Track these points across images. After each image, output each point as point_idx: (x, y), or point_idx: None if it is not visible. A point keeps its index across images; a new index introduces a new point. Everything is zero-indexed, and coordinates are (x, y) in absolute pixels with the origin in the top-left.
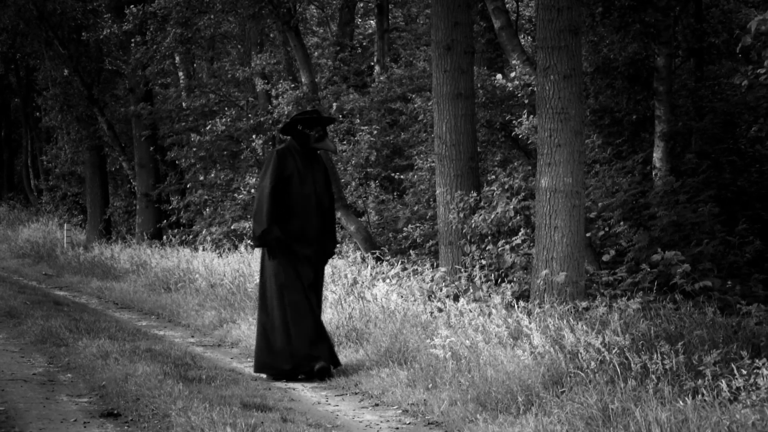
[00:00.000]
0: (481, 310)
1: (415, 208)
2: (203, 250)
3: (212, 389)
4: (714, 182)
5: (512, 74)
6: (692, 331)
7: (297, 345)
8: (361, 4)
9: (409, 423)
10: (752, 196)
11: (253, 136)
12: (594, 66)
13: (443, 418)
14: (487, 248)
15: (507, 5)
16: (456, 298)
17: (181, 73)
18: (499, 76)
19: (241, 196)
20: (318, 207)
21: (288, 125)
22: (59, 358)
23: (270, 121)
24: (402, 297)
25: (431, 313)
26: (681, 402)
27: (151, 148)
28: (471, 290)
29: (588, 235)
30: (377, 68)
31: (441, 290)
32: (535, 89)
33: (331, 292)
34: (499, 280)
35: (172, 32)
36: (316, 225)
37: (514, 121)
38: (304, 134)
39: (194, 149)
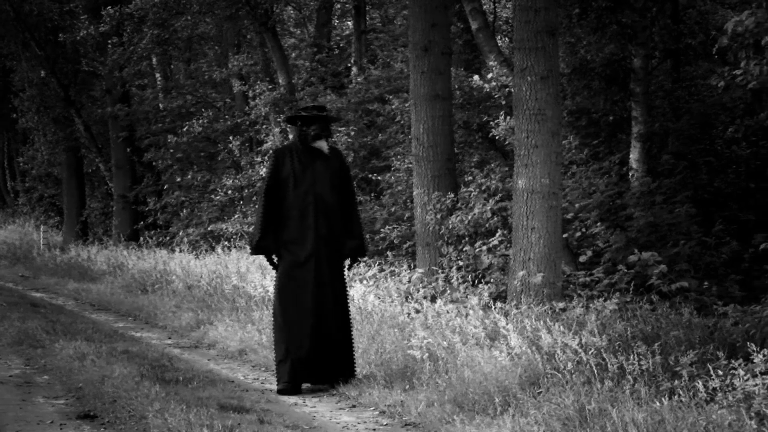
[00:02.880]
0: (458, 311)
1: (393, 210)
2: (180, 251)
3: (189, 391)
4: (690, 183)
5: (489, 75)
6: (669, 331)
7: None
8: (339, 6)
9: (387, 424)
10: (729, 196)
11: (230, 138)
12: (571, 67)
13: (420, 419)
14: (464, 249)
15: (484, 6)
16: (433, 299)
17: (158, 75)
18: (476, 77)
19: (218, 198)
20: (319, 207)
21: (290, 119)
22: (36, 359)
23: (247, 123)
24: (379, 298)
25: (408, 314)
26: (657, 402)
27: (128, 150)
28: (448, 291)
29: (565, 236)
30: (354, 69)
31: (418, 291)
32: (512, 90)
33: None
34: (476, 281)
35: (149, 33)
36: (318, 226)
37: (491, 123)
38: (302, 131)
39: (171, 150)
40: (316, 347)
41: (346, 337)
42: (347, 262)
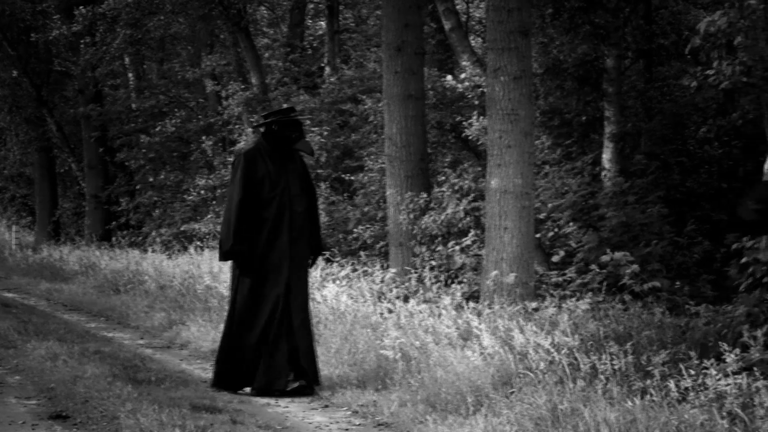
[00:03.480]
0: (431, 311)
1: (366, 209)
2: (153, 251)
3: (161, 391)
4: (663, 183)
5: (462, 75)
6: (641, 331)
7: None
8: (312, 6)
9: (359, 424)
10: (701, 197)
11: (203, 138)
12: (544, 67)
13: (393, 419)
14: (437, 249)
15: (457, 6)
16: (406, 299)
17: (130, 74)
18: (449, 77)
19: (190, 198)
20: (294, 210)
21: (262, 124)
22: (7, 360)
23: (220, 123)
24: (352, 298)
25: (381, 314)
26: (630, 402)
27: (101, 150)
28: (421, 291)
29: (538, 236)
30: (328, 69)
31: (391, 291)
32: (485, 90)
33: None
34: (449, 281)
35: (122, 33)
36: (292, 228)
37: (464, 123)
38: (281, 136)
39: (144, 150)
40: (284, 350)
41: (311, 343)
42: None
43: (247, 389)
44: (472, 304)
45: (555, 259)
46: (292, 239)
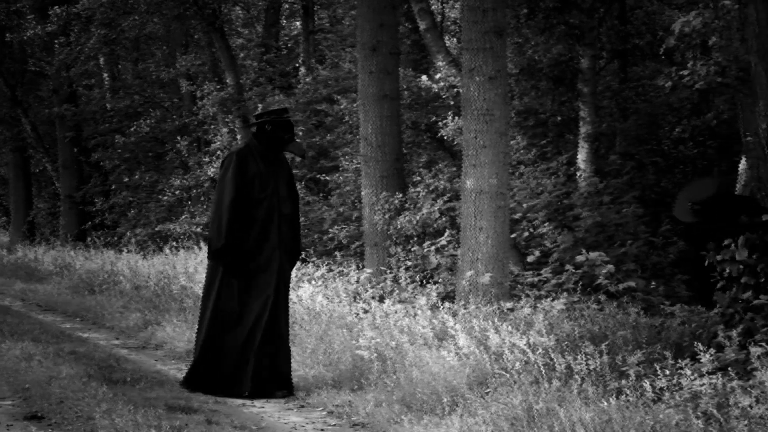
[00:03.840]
0: (406, 311)
1: (341, 210)
2: (128, 251)
3: (137, 391)
4: (638, 183)
5: (437, 76)
6: (616, 331)
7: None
8: (287, 6)
9: (335, 424)
10: (676, 197)
11: (178, 138)
12: (519, 67)
13: (369, 419)
14: (412, 249)
15: (432, 7)
16: (381, 300)
17: (105, 74)
18: (424, 77)
19: (165, 198)
20: (282, 211)
21: (255, 123)
22: None
23: (195, 123)
24: (327, 298)
25: (357, 314)
26: (605, 402)
27: (75, 150)
28: (396, 291)
29: (513, 236)
30: (303, 69)
31: (366, 291)
32: (460, 91)
33: None
34: (425, 282)
35: (96, 33)
36: (281, 230)
37: (439, 123)
38: (274, 136)
39: (119, 150)
40: (262, 359)
41: (287, 348)
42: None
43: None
44: (447, 305)
45: (530, 259)
46: (280, 241)
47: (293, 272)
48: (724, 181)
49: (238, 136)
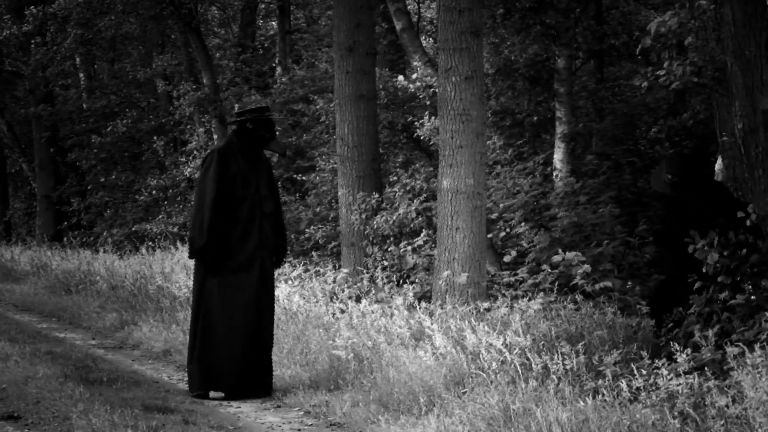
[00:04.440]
0: (383, 311)
1: (318, 210)
2: (104, 251)
3: (113, 391)
4: (614, 183)
5: (414, 76)
6: (593, 331)
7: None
8: (263, 6)
9: (311, 424)
10: (652, 197)
11: (155, 138)
12: (495, 67)
13: (345, 419)
14: (389, 249)
15: (409, 7)
16: (358, 300)
17: (81, 74)
18: (400, 77)
19: (142, 198)
20: (264, 210)
21: (236, 121)
22: None
23: (171, 123)
24: (304, 298)
25: (333, 314)
26: (582, 402)
27: (52, 150)
28: (373, 291)
29: (489, 236)
30: (279, 69)
31: (343, 291)
32: (437, 91)
33: None
34: (401, 281)
35: (73, 33)
36: (262, 229)
37: (416, 123)
38: (255, 135)
39: (95, 151)
40: (248, 355)
41: (269, 348)
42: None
43: (216, 393)
44: (424, 304)
45: (507, 259)
46: (262, 241)
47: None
48: (705, 160)
49: (215, 136)
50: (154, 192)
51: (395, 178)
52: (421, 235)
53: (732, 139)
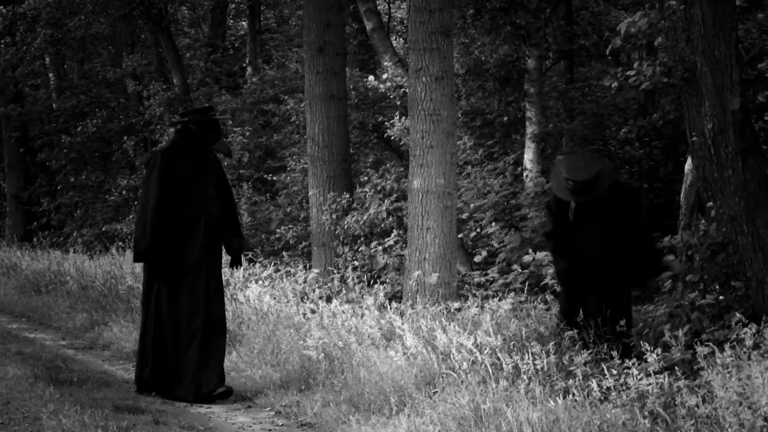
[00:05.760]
0: (353, 311)
1: (288, 210)
2: (74, 252)
3: (84, 392)
4: None
5: (384, 76)
6: (563, 331)
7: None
8: (233, 6)
9: (282, 425)
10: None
11: (125, 138)
12: (465, 68)
13: (316, 419)
14: (359, 249)
15: (379, 7)
16: (329, 300)
17: (51, 74)
18: (371, 77)
19: (112, 198)
20: (210, 210)
21: (179, 122)
22: None
23: (141, 123)
24: (275, 298)
25: (304, 314)
26: (552, 402)
27: (21, 150)
28: (344, 291)
29: (460, 236)
30: (249, 69)
31: (314, 291)
32: (407, 91)
33: None
34: (372, 282)
35: (42, 33)
36: (207, 229)
37: (386, 123)
38: (198, 135)
39: (65, 151)
40: (194, 354)
41: (224, 349)
42: (227, 259)
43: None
44: (395, 304)
45: (477, 259)
46: (207, 242)
47: (240, 272)
48: (607, 166)
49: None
50: (124, 192)
51: (366, 178)
52: (392, 235)
53: (702, 140)
